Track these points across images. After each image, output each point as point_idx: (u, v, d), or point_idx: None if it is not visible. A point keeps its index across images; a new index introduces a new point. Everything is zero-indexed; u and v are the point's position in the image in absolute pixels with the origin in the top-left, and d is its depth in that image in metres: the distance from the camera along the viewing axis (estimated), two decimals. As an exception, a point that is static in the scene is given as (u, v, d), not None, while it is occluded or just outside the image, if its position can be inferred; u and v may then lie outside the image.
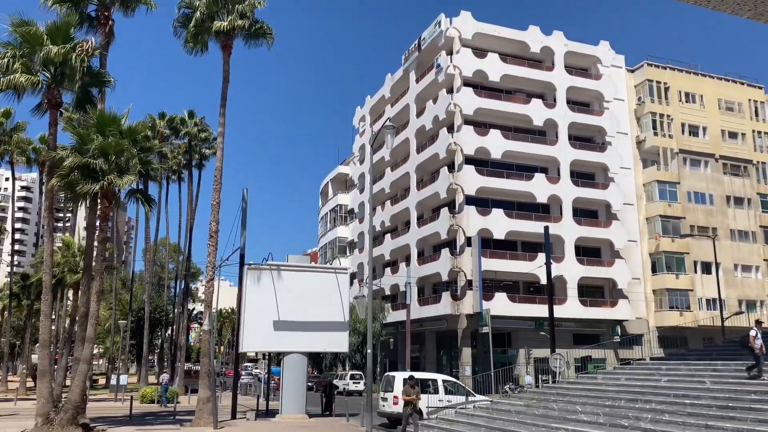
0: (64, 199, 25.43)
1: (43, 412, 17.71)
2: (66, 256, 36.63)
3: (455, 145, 43.05)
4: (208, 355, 21.90)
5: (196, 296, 73.70)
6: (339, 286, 25.06)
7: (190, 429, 18.76)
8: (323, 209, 67.17)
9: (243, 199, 25.63)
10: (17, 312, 50.05)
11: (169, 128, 45.23)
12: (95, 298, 19.27)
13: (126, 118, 20.58)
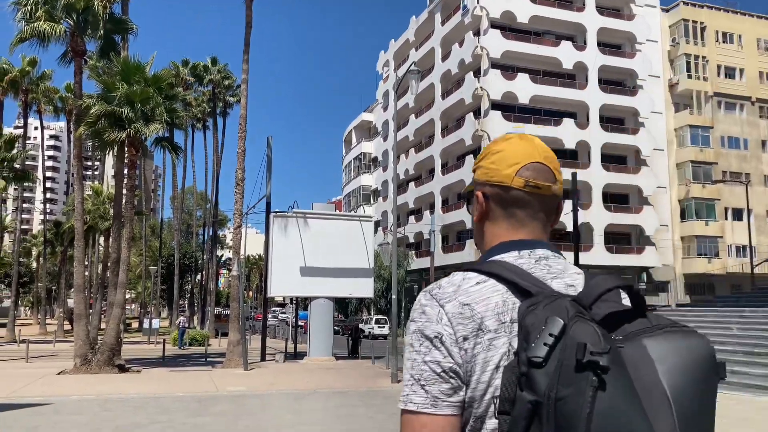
0: (92, 147, 25.70)
1: (81, 353, 18.42)
2: (96, 203, 37.38)
3: (481, 90, 42.21)
4: (237, 300, 22.39)
5: (224, 243, 74.98)
6: (364, 233, 25.18)
7: (221, 370, 19.37)
8: (347, 157, 66.98)
9: (268, 147, 25.65)
10: (52, 258, 51.61)
11: (193, 76, 45.06)
12: (126, 244, 19.68)
13: (151, 65, 20.50)
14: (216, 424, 9.62)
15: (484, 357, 1.05)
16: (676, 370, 0.94)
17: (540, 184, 1.23)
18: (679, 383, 0.93)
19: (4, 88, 36.80)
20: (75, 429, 9.07)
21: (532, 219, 1.25)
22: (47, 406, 11.50)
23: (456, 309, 1.08)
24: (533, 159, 1.24)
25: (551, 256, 1.23)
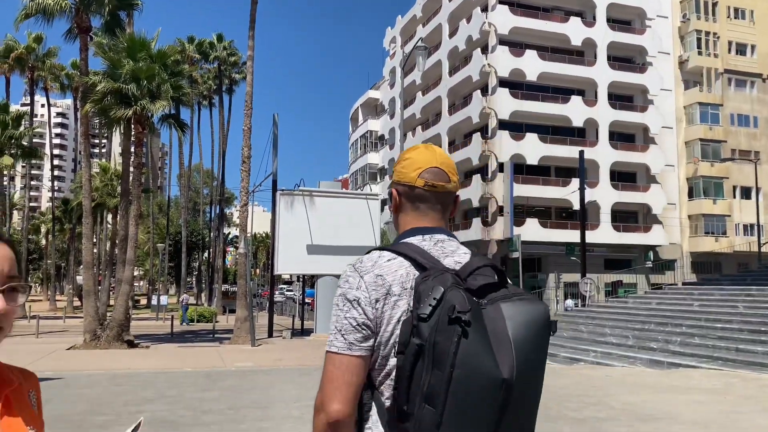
0: (99, 124, 25.74)
1: (90, 329, 18.65)
2: (104, 180, 37.51)
3: (489, 67, 41.82)
4: (244, 277, 22.54)
5: (231, 221, 75.24)
6: (370, 211, 25.20)
7: (229, 346, 19.59)
8: (353, 135, 66.74)
9: (274, 125, 25.56)
10: (61, 235, 51.97)
11: (199, 52, 44.86)
12: (133, 221, 19.80)
13: (156, 42, 20.42)
14: (224, 398, 9.76)
15: (389, 314, 1.41)
16: (520, 325, 1.36)
17: (436, 183, 1.61)
18: (520, 334, 1.36)
19: (10, 65, 36.79)
20: (85, 403, 9.22)
21: (432, 210, 1.64)
22: (58, 380, 11.67)
23: (372, 279, 1.44)
24: (432, 164, 1.62)
25: (446, 239, 1.61)
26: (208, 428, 7.45)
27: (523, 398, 1.38)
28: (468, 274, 1.42)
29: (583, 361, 16.09)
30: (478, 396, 1.30)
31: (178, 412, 8.51)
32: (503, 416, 1.33)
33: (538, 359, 1.40)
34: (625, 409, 9.34)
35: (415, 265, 1.46)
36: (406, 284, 1.43)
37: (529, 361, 1.36)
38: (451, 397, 1.28)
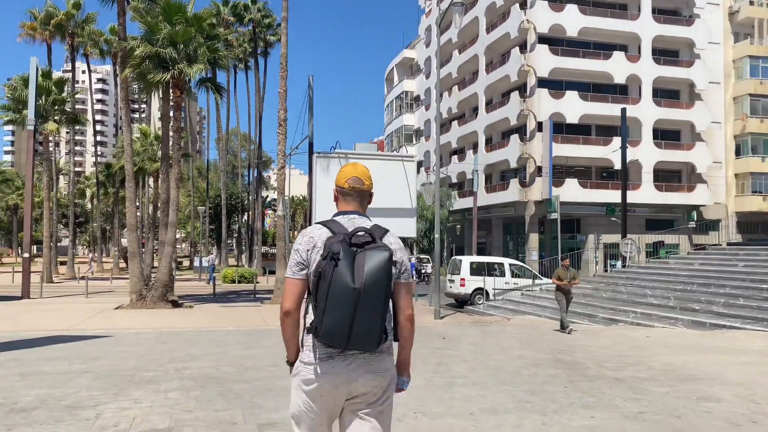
0: (138, 89, 26.06)
1: (136, 289, 19.28)
2: (144, 145, 38.18)
3: (528, 23, 40.65)
4: (283, 239, 22.86)
5: (269, 184, 76.04)
6: (406, 173, 25.05)
7: (269, 306, 20.03)
8: (389, 96, 66.11)
9: (309, 87, 25.49)
10: (105, 199, 53.42)
11: (233, 15, 44.71)
12: (174, 184, 20.17)
13: (192, 5, 20.39)
14: (266, 355, 10.02)
15: (314, 257, 2.67)
16: (371, 261, 2.54)
17: (355, 186, 2.86)
18: (369, 266, 2.53)
19: (51, 32, 37.31)
20: (134, 359, 9.59)
21: (353, 202, 2.87)
22: (108, 338, 12.16)
23: (305, 239, 2.73)
24: (353, 175, 2.87)
25: (358, 217, 2.82)
26: (251, 384, 7.68)
27: (368, 300, 2.54)
28: (351, 235, 2.65)
29: (622, 322, 15.95)
30: (343, 297, 2.51)
31: (222, 368, 8.79)
32: (356, 310, 2.52)
33: (378, 279, 2.55)
34: (665, 370, 9.26)
35: (330, 232, 2.69)
36: (322, 242, 2.67)
37: (372, 280, 2.54)
38: (330, 298, 2.51)
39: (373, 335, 2.56)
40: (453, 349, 11.27)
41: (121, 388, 7.37)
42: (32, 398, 6.78)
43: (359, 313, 2.50)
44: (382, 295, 2.56)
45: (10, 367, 8.79)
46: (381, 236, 2.68)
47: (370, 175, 2.87)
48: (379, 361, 2.69)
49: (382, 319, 2.57)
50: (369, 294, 2.51)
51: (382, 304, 2.57)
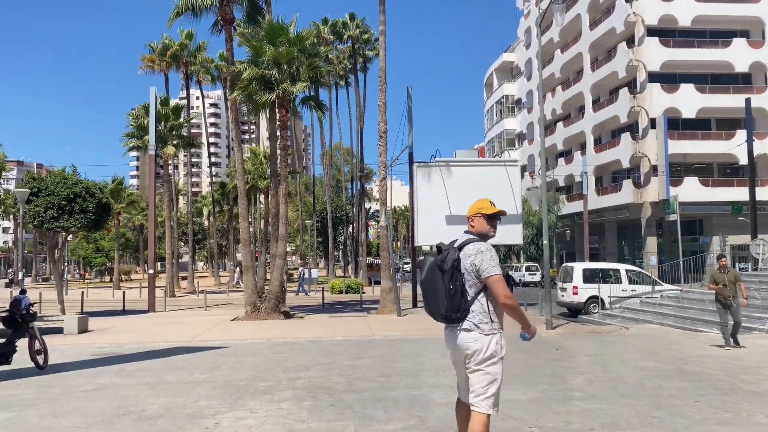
0: (247, 111, 27.39)
1: (250, 301, 20.10)
2: (255, 163, 40.01)
3: (635, 16, 38.66)
4: (386, 249, 23.01)
5: (371, 196, 77.27)
6: (510, 178, 24.47)
7: (375, 316, 20.17)
8: (488, 101, 65.20)
9: (408, 97, 25.63)
10: (220, 216, 56.51)
11: (333, 33, 45.99)
12: (283, 200, 20.89)
13: (294, 26, 21.14)
14: (375, 366, 10.02)
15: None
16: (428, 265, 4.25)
17: (471, 216, 4.39)
18: (426, 269, 4.23)
19: (168, 62, 40.15)
20: (249, 369, 9.91)
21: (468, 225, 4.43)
22: (225, 348, 12.70)
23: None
24: (487, 209, 4.33)
25: (464, 236, 4.31)
26: (361, 395, 7.67)
27: (429, 290, 4.16)
28: (444, 249, 4.21)
29: (757, 330, 14.56)
30: (421, 284, 4.28)
31: (332, 378, 8.87)
32: (423, 295, 4.23)
33: (432, 278, 4.12)
34: (815, 384, 8.27)
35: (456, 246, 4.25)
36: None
37: (428, 277, 4.17)
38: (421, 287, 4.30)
39: (435, 314, 4.17)
40: (568, 360, 10.73)
41: (238, 397, 7.60)
42: (158, 407, 7.14)
43: (427, 300, 4.23)
44: (435, 289, 4.12)
45: (139, 376, 9.35)
46: (459, 246, 4.24)
47: (473, 206, 4.40)
48: (457, 333, 4.13)
49: (444, 303, 4.06)
50: (428, 287, 4.20)
51: (438, 295, 4.10)
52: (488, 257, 4.05)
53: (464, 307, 4.04)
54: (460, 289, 4.04)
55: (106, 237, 55.71)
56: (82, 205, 20.96)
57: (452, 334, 4.15)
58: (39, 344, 10.07)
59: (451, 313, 4.03)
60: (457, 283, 4.04)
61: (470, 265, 4.06)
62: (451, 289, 4.02)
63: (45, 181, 21.65)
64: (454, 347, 4.17)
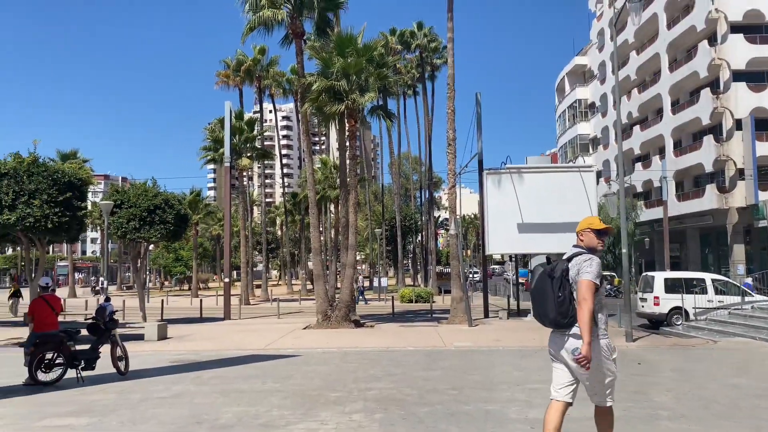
0: (317, 122, 27.79)
1: (321, 309, 20.27)
2: (325, 174, 40.57)
3: (717, 12, 36.76)
4: (456, 258, 22.71)
5: (440, 204, 76.87)
6: (584, 184, 23.68)
7: (446, 326, 19.88)
8: (560, 106, 63.61)
9: (477, 104, 25.27)
10: (292, 226, 57.63)
11: (400, 43, 46.12)
12: (352, 209, 21.01)
13: (362, 37, 21.31)
14: (447, 378, 9.81)
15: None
16: (538, 274, 4.81)
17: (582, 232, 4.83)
18: (537, 276, 4.82)
19: (242, 77, 41.43)
20: (321, 378, 9.92)
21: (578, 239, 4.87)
22: (297, 357, 12.80)
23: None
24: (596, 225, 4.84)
25: (573, 249, 4.71)
26: (433, 408, 7.49)
27: (538, 296, 4.59)
28: (554, 262, 4.78)
29: None
30: (531, 292, 4.99)
31: (404, 390, 8.73)
32: (533, 301, 4.71)
33: (543, 286, 4.54)
34: None
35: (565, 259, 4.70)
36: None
37: (538, 285, 4.59)
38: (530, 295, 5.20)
39: (543, 319, 4.56)
40: (651, 375, 10.14)
41: (309, 408, 7.58)
42: (231, 416, 7.21)
43: (535, 304, 4.64)
44: (544, 297, 4.52)
45: (213, 384, 9.53)
46: (568, 257, 4.62)
47: (583, 222, 4.81)
48: (565, 338, 4.49)
49: (552, 309, 4.45)
50: (537, 294, 4.61)
51: (546, 301, 4.49)
52: (588, 264, 4.45)
53: (572, 314, 4.38)
54: (568, 297, 4.42)
55: (185, 247, 57.93)
56: (161, 216, 21.81)
57: (560, 339, 4.51)
58: (120, 351, 10.45)
59: (560, 318, 4.41)
60: (566, 291, 4.43)
61: (577, 275, 4.46)
62: (560, 296, 4.41)
63: (127, 193, 22.70)
64: (562, 351, 4.50)
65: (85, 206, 19.62)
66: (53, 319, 10.17)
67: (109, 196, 23.53)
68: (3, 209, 16.49)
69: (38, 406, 8.00)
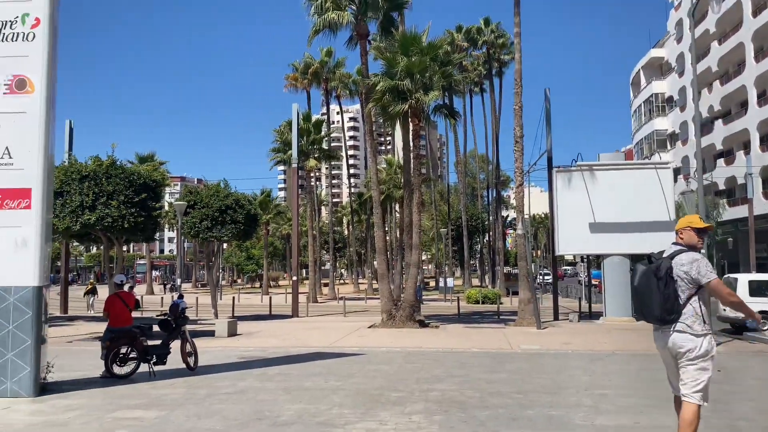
0: (383, 123, 27.86)
1: (386, 309, 20.28)
2: (389, 173, 40.67)
3: (807, -3, 34.32)
4: (524, 259, 22.21)
5: (508, 203, 75.59)
6: (661, 182, 22.70)
7: (513, 328, 19.46)
8: (635, 101, 61.14)
9: (546, 100, 24.64)
10: (359, 225, 58.13)
11: (467, 40, 45.66)
12: (416, 209, 20.91)
13: (426, 35, 21.18)
14: (511, 381, 9.56)
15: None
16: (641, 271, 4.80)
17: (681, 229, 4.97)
18: (639, 273, 4.79)
19: (309, 80, 42.13)
20: (383, 378, 9.88)
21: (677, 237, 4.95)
22: (361, 356, 12.83)
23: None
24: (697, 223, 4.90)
25: (673, 247, 4.81)
26: (495, 411, 7.29)
27: (643, 295, 4.70)
28: (656, 259, 4.76)
29: None
30: (632, 291, 4.96)
31: (466, 392, 8.56)
32: (637, 299, 4.85)
33: (647, 283, 4.66)
34: None
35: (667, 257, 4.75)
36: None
37: (641, 282, 4.71)
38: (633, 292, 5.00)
39: (648, 316, 4.74)
40: (732, 383, 9.53)
41: (369, 407, 7.55)
42: (292, 413, 7.27)
43: (639, 302, 4.80)
44: (649, 293, 4.64)
45: (277, 381, 9.67)
46: (671, 255, 4.72)
47: (683, 220, 4.92)
48: (669, 334, 4.64)
49: (657, 306, 4.59)
50: (642, 291, 4.73)
51: (651, 299, 4.63)
52: (704, 264, 4.58)
53: (676, 310, 4.56)
54: (673, 294, 4.57)
55: (256, 245, 59.50)
56: (232, 216, 22.42)
57: (664, 335, 4.69)
58: (189, 346, 10.77)
59: (665, 315, 4.58)
60: (670, 289, 4.57)
61: (684, 273, 4.58)
62: (665, 293, 4.56)
63: (200, 194, 23.46)
64: (665, 347, 4.71)
65: (159, 207, 20.42)
66: (127, 315, 10.60)
67: (183, 197, 24.41)
68: (84, 210, 17.39)
69: (112, 398, 8.34)
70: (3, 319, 8.39)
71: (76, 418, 7.09)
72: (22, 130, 8.72)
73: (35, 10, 8.88)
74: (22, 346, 8.34)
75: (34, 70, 8.79)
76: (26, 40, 8.84)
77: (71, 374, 10.29)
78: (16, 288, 8.43)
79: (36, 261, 8.53)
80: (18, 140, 8.71)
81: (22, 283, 8.45)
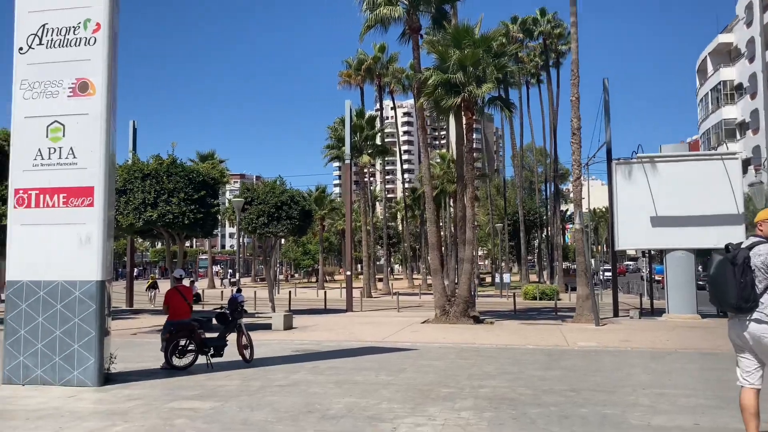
0: (435, 116, 27.71)
1: (440, 304, 20.19)
2: (443, 168, 40.43)
3: None
4: (583, 254, 21.66)
5: (567, 197, 73.95)
6: (728, 174, 21.68)
7: (571, 325, 19.03)
8: (702, 89, 58.56)
9: (604, 90, 23.91)
10: (413, 221, 58.06)
11: (523, 31, 44.89)
12: (469, 203, 20.70)
13: (479, 27, 20.92)
14: (566, 378, 9.34)
15: None
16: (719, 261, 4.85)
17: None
18: (715, 264, 4.89)
19: (362, 76, 42.32)
20: (434, 373, 9.84)
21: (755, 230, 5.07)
22: (413, 351, 12.82)
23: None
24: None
25: (752, 238, 4.92)
26: (546, 409, 7.15)
27: (719, 283, 4.83)
28: (734, 249, 4.83)
29: None
30: (708, 280, 5.08)
31: (518, 389, 8.42)
32: (712, 287, 4.96)
33: (723, 272, 4.76)
34: None
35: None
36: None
37: (717, 271, 4.82)
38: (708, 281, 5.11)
39: (723, 303, 4.88)
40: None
41: (418, 402, 7.53)
42: (341, 406, 7.33)
43: (714, 291, 4.95)
44: (723, 281, 4.75)
45: (329, 374, 9.77)
46: (749, 246, 4.80)
47: (762, 213, 5.00)
48: (746, 323, 4.77)
49: (733, 294, 4.68)
50: (715, 280, 4.87)
51: (724, 289, 4.76)
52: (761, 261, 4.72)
53: (753, 299, 4.67)
54: (750, 283, 4.67)
55: (312, 241, 60.32)
56: (287, 212, 22.82)
57: (740, 324, 4.83)
58: (246, 339, 11.02)
59: (741, 303, 4.68)
60: (747, 277, 4.66)
61: (761, 263, 4.69)
62: (741, 282, 4.66)
63: (257, 191, 23.97)
64: (741, 335, 4.86)
65: (217, 203, 20.98)
66: (186, 309, 10.93)
67: (240, 194, 25.01)
68: (146, 207, 18.05)
69: (170, 388, 8.63)
70: (69, 311, 8.80)
71: (136, 407, 7.37)
72: (85, 131, 9.11)
73: (96, 15, 9.23)
74: (87, 338, 8.73)
75: (95, 73, 9.16)
76: (88, 45, 9.21)
77: (134, 365, 10.71)
78: (81, 282, 8.83)
79: (99, 256, 8.91)
80: (81, 140, 9.10)
81: (87, 278, 8.84)
